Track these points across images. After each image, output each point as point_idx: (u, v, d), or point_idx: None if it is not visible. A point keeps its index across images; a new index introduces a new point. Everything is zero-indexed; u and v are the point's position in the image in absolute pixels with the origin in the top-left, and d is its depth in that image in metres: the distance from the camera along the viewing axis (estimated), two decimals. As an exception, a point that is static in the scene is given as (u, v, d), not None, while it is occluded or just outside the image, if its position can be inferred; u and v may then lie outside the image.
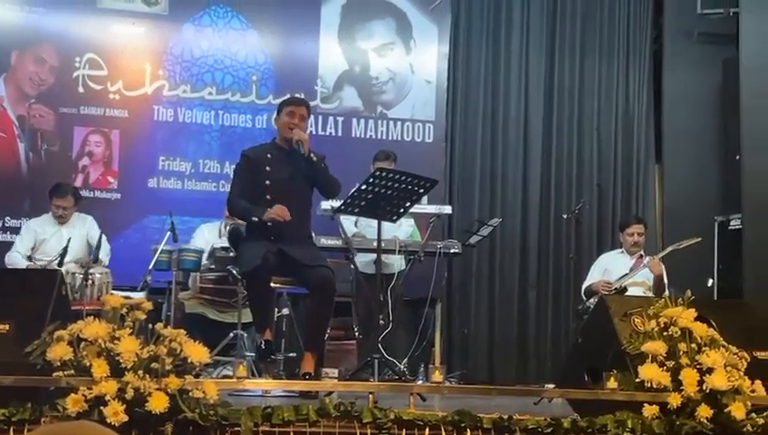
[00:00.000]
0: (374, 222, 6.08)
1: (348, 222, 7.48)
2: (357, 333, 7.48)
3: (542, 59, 9.53)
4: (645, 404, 3.94)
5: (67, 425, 1.69)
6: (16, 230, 7.90)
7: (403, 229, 7.55)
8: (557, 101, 9.54)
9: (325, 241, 6.96)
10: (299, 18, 8.91)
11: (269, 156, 5.76)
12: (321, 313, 5.68)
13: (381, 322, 6.53)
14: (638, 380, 4.03)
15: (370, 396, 4.07)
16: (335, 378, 4.65)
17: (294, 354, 6.91)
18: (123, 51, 8.57)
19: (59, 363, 3.51)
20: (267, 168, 5.70)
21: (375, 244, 6.14)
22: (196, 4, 8.74)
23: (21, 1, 8.34)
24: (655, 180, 9.71)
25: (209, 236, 7.66)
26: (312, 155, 5.65)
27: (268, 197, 5.62)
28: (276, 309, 6.94)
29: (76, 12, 8.48)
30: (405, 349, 7.56)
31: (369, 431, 3.73)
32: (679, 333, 4.12)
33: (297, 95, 6.45)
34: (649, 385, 3.99)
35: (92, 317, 3.62)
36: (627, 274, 7.59)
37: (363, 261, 7.36)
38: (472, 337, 9.09)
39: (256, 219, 5.56)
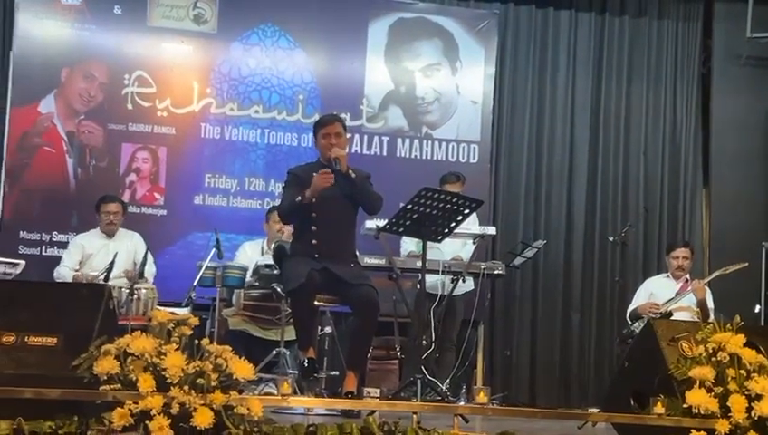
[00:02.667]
0: (439, 243, 6.06)
1: (408, 243, 7.49)
2: (399, 353, 7.47)
3: (588, 81, 9.50)
4: (692, 430, 3.88)
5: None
6: (64, 245, 7.99)
7: (467, 249, 7.54)
8: (603, 123, 9.49)
9: (369, 260, 6.96)
10: (346, 38, 8.96)
11: (314, 175, 5.76)
12: (364, 332, 5.65)
13: (424, 342, 6.52)
14: (685, 405, 3.98)
15: (414, 416, 4.05)
16: (377, 397, 4.63)
17: (337, 373, 6.91)
18: (172, 68, 8.65)
19: (106, 377, 3.53)
20: (313, 186, 5.70)
21: (419, 263, 6.14)
22: (244, 23, 8.80)
23: (72, 18, 8.44)
24: (702, 204, 9.62)
25: (252, 254, 7.69)
26: (350, 171, 5.64)
27: (313, 214, 5.61)
28: (319, 327, 6.95)
29: (126, 30, 8.56)
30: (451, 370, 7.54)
31: (412, 452, 3.72)
32: (728, 358, 4.06)
33: (342, 114, 6.46)
34: (697, 411, 3.94)
35: (139, 332, 3.64)
36: (672, 298, 7.52)
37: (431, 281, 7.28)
38: (514, 359, 9.04)
39: (300, 199, 5.54)
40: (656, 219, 9.44)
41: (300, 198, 5.56)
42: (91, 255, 7.53)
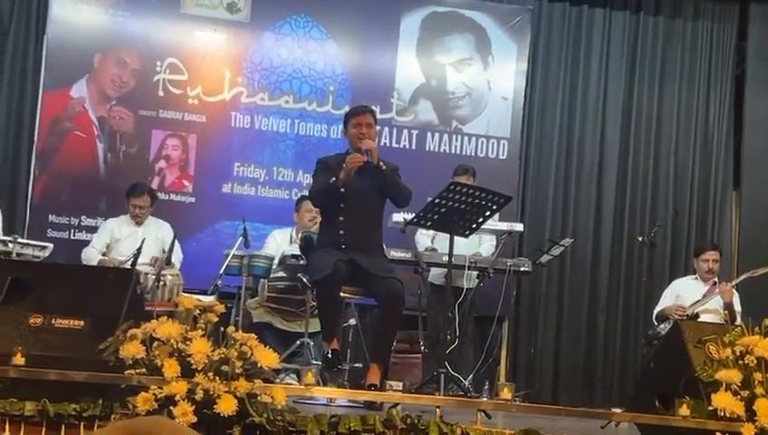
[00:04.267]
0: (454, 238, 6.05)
1: (424, 237, 7.48)
2: (423, 347, 7.46)
3: (621, 80, 9.44)
4: (717, 433, 3.86)
5: (144, 420, 1.70)
6: (92, 229, 8.04)
7: (484, 247, 7.54)
8: (635, 122, 9.43)
9: (395, 253, 6.95)
10: (378, 30, 8.95)
11: (344, 165, 5.75)
12: (388, 325, 5.64)
13: (448, 337, 6.51)
14: (710, 408, 3.95)
15: (437, 410, 4.04)
16: (400, 391, 4.62)
17: (360, 365, 6.91)
18: (204, 56, 8.68)
19: (131, 362, 3.55)
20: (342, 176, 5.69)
21: (446, 258, 6.12)
22: (277, 13, 8.81)
23: (106, 4, 8.48)
24: (732, 206, 9.54)
25: (281, 242, 7.69)
26: (381, 163, 5.63)
27: (341, 205, 5.61)
28: (344, 319, 6.95)
29: (159, 17, 8.60)
30: (470, 365, 7.52)
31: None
32: (755, 362, 4.03)
33: (372, 107, 6.43)
34: (722, 414, 3.92)
35: (166, 317, 3.65)
36: (699, 300, 7.47)
37: (435, 273, 7.40)
38: (538, 357, 8.99)
39: (333, 180, 5.54)
40: (685, 220, 9.37)
41: (334, 179, 5.55)
42: (118, 240, 7.57)
